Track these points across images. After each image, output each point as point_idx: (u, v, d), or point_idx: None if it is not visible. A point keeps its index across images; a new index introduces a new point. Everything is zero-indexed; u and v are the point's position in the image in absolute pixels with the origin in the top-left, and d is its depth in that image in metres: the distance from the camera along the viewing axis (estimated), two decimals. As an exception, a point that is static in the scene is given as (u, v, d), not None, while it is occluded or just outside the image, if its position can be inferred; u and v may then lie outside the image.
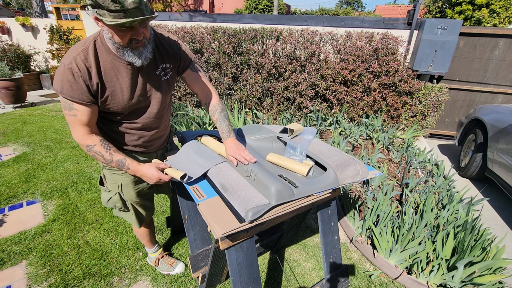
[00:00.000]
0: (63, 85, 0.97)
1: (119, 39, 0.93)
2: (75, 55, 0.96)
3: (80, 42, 1.02)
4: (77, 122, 1.03)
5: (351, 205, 2.16)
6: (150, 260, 1.72)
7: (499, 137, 2.65)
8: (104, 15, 0.84)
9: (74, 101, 0.99)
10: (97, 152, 1.07)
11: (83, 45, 0.99)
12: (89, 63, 0.97)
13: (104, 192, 1.34)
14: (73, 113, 1.01)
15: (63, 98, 1.00)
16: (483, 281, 1.53)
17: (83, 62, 0.96)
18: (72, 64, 0.95)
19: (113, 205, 1.35)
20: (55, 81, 0.99)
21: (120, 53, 0.98)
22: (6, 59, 5.36)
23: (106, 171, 1.28)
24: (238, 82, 4.20)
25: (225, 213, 0.95)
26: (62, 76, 0.96)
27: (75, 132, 1.05)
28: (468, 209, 1.92)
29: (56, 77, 0.99)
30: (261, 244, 1.81)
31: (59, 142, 3.38)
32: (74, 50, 0.98)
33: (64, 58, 0.98)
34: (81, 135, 1.05)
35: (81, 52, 0.96)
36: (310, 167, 1.19)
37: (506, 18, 10.24)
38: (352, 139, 3.40)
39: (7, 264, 1.69)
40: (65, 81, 0.96)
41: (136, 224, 1.43)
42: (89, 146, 1.06)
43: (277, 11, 17.91)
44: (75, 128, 1.04)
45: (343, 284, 1.49)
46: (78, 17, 5.64)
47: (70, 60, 0.95)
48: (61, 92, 0.98)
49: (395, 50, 3.61)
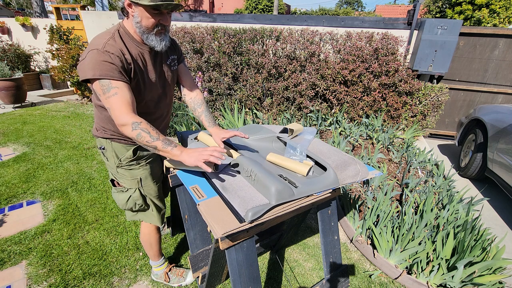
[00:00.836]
0: (101, 67, 0.97)
1: (147, 23, 1.03)
2: (105, 41, 1.00)
3: (103, 33, 1.06)
4: (120, 100, 0.99)
5: (351, 205, 2.16)
6: (157, 277, 1.61)
7: (499, 137, 2.65)
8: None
9: (113, 79, 0.98)
10: (143, 129, 1.00)
11: (108, 34, 1.04)
12: (120, 48, 1.03)
13: (121, 193, 1.30)
14: (114, 91, 0.99)
15: (98, 82, 0.98)
16: (483, 281, 1.53)
17: (115, 46, 1.01)
18: (107, 47, 0.98)
19: (133, 204, 1.31)
20: (87, 68, 0.97)
21: (145, 37, 1.07)
22: (6, 59, 5.37)
23: (122, 170, 1.26)
24: (238, 82, 4.20)
25: (225, 213, 0.95)
26: (97, 59, 0.97)
27: (118, 112, 0.99)
28: (468, 209, 1.92)
29: (87, 64, 0.97)
30: (261, 244, 1.81)
31: (59, 142, 3.38)
32: (102, 38, 1.02)
33: (91, 47, 0.99)
34: (126, 113, 0.99)
35: (110, 39, 1.02)
36: (310, 167, 1.19)
37: (506, 18, 10.24)
38: (352, 139, 3.40)
39: (7, 264, 1.69)
40: (102, 63, 0.97)
41: (158, 222, 1.39)
42: (136, 123, 1.00)
43: (277, 11, 17.91)
44: (118, 107, 0.99)
45: (343, 284, 1.49)
46: (78, 17, 5.64)
47: (103, 45, 0.98)
48: (99, 75, 0.97)
49: (395, 50, 3.61)
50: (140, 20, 1.03)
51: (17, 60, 5.56)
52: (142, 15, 1.02)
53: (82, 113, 4.63)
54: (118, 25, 1.10)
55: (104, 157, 1.28)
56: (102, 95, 1.00)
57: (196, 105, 1.39)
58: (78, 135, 3.63)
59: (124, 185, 1.29)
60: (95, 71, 0.97)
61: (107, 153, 1.25)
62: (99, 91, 1.00)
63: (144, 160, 1.28)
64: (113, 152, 1.23)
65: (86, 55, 0.99)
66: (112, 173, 1.29)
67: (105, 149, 1.24)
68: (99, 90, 1.00)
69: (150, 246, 1.49)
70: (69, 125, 4.01)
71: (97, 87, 1.00)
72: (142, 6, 1.00)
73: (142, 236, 1.47)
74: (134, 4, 1.00)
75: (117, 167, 1.26)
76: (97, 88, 1.00)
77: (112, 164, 1.25)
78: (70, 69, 4.58)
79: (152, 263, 1.58)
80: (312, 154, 1.28)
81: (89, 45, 1.03)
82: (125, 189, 1.29)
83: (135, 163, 1.26)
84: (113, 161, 1.25)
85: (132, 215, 1.38)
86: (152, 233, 1.45)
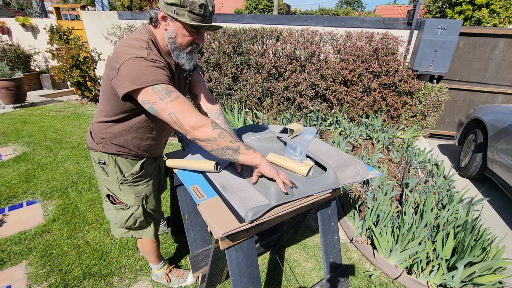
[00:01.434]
0: (154, 74, 0.89)
1: (182, 40, 0.98)
2: (145, 49, 0.92)
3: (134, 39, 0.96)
4: (185, 101, 0.91)
5: (351, 205, 2.16)
6: (157, 278, 1.60)
7: (499, 137, 2.65)
8: (184, 15, 0.91)
9: (168, 83, 0.91)
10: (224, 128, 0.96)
11: (143, 42, 0.95)
12: (157, 55, 0.97)
13: (121, 210, 1.21)
14: (175, 95, 0.90)
15: (152, 89, 0.88)
16: (483, 281, 1.53)
17: (154, 55, 0.95)
18: (151, 56, 0.91)
19: (133, 221, 1.24)
20: (140, 78, 0.87)
21: (175, 54, 1.01)
22: (6, 59, 5.37)
23: (125, 186, 1.18)
24: (238, 82, 4.20)
25: (225, 213, 0.95)
26: (146, 67, 0.88)
27: (189, 115, 0.90)
28: (468, 209, 1.92)
29: (137, 73, 0.87)
30: (261, 244, 1.81)
31: (59, 142, 3.38)
32: (138, 46, 0.93)
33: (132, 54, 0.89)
34: (197, 114, 0.91)
35: (148, 48, 0.94)
36: (310, 167, 1.19)
37: (506, 18, 10.24)
38: (352, 139, 3.40)
39: (7, 264, 1.69)
40: (154, 70, 0.90)
41: (152, 237, 1.35)
42: (214, 122, 0.93)
43: (277, 11, 17.91)
44: (188, 110, 0.90)
45: (343, 284, 1.49)
46: (78, 17, 5.64)
47: (145, 54, 0.91)
48: (154, 81, 0.88)
49: (395, 50, 3.61)
50: (175, 36, 0.96)
51: (17, 60, 5.56)
52: (178, 31, 0.95)
53: (82, 113, 4.63)
54: (146, 31, 1.00)
55: (103, 172, 1.16)
56: (160, 102, 0.88)
57: (213, 117, 1.30)
58: (78, 135, 3.63)
59: (126, 202, 1.21)
60: (153, 77, 0.87)
61: (109, 168, 1.15)
62: (153, 99, 0.89)
63: (149, 176, 1.24)
64: (116, 168, 1.15)
65: (125, 64, 0.88)
66: (111, 189, 1.20)
67: (106, 164, 1.14)
68: (154, 98, 0.88)
69: (148, 253, 1.46)
70: (69, 125, 4.01)
71: (149, 95, 0.88)
72: (181, 23, 0.93)
73: (139, 243, 1.43)
74: (171, 19, 0.93)
75: (120, 184, 1.17)
76: (151, 97, 0.88)
77: (113, 180, 1.17)
78: (70, 69, 4.58)
79: (152, 266, 1.58)
80: (312, 154, 1.28)
81: (122, 53, 0.90)
82: (126, 207, 1.22)
83: (141, 179, 1.20)
84: (115, 177, 1.16)
85: (124, 233, 1.29)
86: (148, 242, 1.40)
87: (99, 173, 1.19)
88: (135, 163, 1.18)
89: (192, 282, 1.61)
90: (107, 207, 1.24)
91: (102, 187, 1.22)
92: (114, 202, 1.23)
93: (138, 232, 1.32)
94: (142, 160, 1.20)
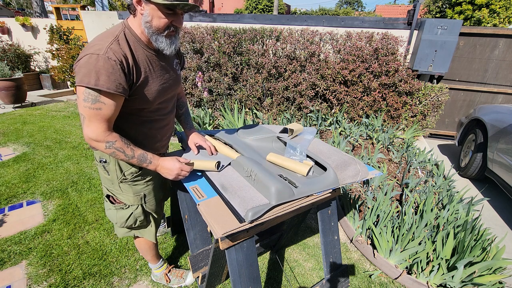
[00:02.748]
0: (98, 76, 0.88)
1: (158, 23, 0.96)
2: (108, 44, 0.91)
3: (106, 33, 0.97)
4: (100, 116, 0.94)
5: (351, 205, 2.16)
6: (157, 278, 1.60)
7: (499, 137, 2.65)
8: None
9: (105, 93, 0.92)
10: (118, 148, 1.00)
11: (112, 35, 0.95)
12: (124, 52, 0.95)
13: (121, 210, 1.22)
14: (98, 106, 0.92)
15: (85, 90, 0.90)
16: (483, 281, 1.53)
17: (119, 50, 0.93)
18: (109, 53, 0.90)
19: (133, 221, 1.24)
20: (83, 74, 0.88)
21: (154, 38, 0.99)
22: (6, 59, 5.37)
23: (125, 185, 1.18)
24: (238, 82, 4.20)
25: (225, 213, 0.95)
26: (97, 66, 0.88)
27: (92, 128, 0.95)
28: (468, 209, 1.92)
29: (84, 69, 0.89)
30: (261, 244, 1.81)
31: (59, 142, 3.38)
32: (104, 40, 0.93)
33: (92, 49, 0.90)
34: (101, 131, 0.96)
35: (113, 41, 0.93)
36: (310, 167, 1.19)
37: (506, 18, 10.24)
38: (352, 139, 3.40)
39: (7, 264, 1.69)
40: (102, 71, 0.89)
41: (153, 237, 1.36)
42: (110, 142, 0.98)
43: (277, 11, 17.91)
44: (94, 123, 0.94)
45: (343, 284, 1.49)
46: (78, 17, 5.64)
47: (105, 49, 0.90)
48: (95, 85, 0.88)
49: (395, 50, 3.61)
50: (151, 20, 0.95)
51: (17, 60, 5.56)
52: (153, 14, 0.94)
53: (82, 113, 4.63)
54: (122, 24, 1.01)
55: (104, 171, 1.17)
56: (84, 102, 0.92)
57: (178, 107, 1.40)
58: (78, 135, 3.63)
59: (125, 202, 1.21)
60: (95, 79, 0.88)
61: (109, 166, 1.15)
62: (79, 95, 0.92)
63: (149, 175, 1.23)
64: (117, 166, 1.15)
65: (83, 58, 0.90)
66: (110, 188, 1.20)
67: (107, 162, 1.14)
68: (83, 96, 0.91)
69: (146, 251, 1.46)
70: (69, 125, 4.01)
71: (83, 93, 0.91)
72: (154, 4, 0.92)
73: (137, 243, 1.43)
74: (145, 2, 0.93)
75: (120, 182, 1.18)
76: (82, 95, 0.91)
77: (114, 179, 1.17)
78: (70, 69, 4.59)
79: (151, 265, 1.57)
80: (312, 154, 1.28)
81: (89, 45, 0.93)
82: (126, 206, 1.22)
83: (140, 178, 1.20)
84: (115, 176, 1.16)
85: (126, 232, 1.30)
86: (145, 240, 1.40)
87: (101, 172, 1.20)
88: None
89: (192, 282, 1.61)
90: (108, 207, 1.25)
91: (103, 188, 1.24)
92: (114, 202, 1.24)
93: (139, 231, 1.33)
94: None
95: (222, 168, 1.17)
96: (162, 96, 1.13)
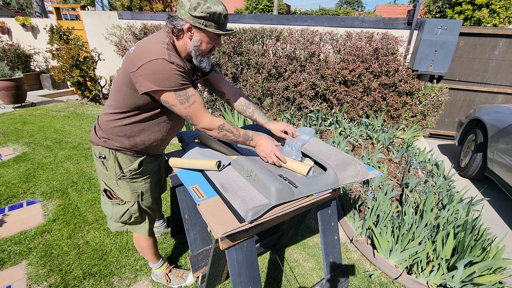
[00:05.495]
0: (174, 78, 0.98)
1: (206, 47, 1.07)
2: (165, 51, 0.98)
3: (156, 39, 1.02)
4: (200, 107, 1.05)
5: (351, 205, 2.16)
6: (157, 278, 1.60)
7: (499, 137, 2.65)
8: (211, 26, 1.02)
9: (188, 87, 1.03)
10: (228, 129, 1.11)
11: (163, 43, 1.01)
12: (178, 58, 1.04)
13: (117, 205, 1.24)
14: (193, 100, 1.04)
15: (174, 93, 1.00)
16: (483, 281, 1.53)
17: (175, 56, 1.02)
18: (171, 58, 0.98)
19: (128, 217, 1.26)
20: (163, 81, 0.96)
21: (198, 59, 1.09)
22: (6, 59, 5.36)
23: (123, 182, 1.21)
24: (238, 82, 4.20)
25: (225, 213, 0.95)
26: (168, 71, 0.96)
27: (202, 119, 1.07)
28: (468, 209, 1.92)
29: (159, 75, 0.96)
30: (261, 244, 1.81)
31: (59, 142, 3.38)
32: (158, 48, 0.98)
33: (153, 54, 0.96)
34: (209, 118, 1.08)
35: (167, 50, 1.00)
36: (310, 167, 1.19)
37: (506, 18, 10.24)
38: (352, 139, 3.40)
39: (7, 264, 1.69)
40: (173, 73, 0.97)
41: (147, 233, 1.37)
42: (221, 125, 1.10)
43: (277, 11, 17.90)
44: (201, 114, 1.06)
45: (343, 284, 1.49)
46: (78, 17, 5.64)
47: (168, 55, 0.97)
48: (175, 86, 0.98)
49: (395, 50, 3.61)
50: (199, 44, 1.05)
51: (17, 60, 5.56)
52: (203, 39, 1.04)
53: (82, 113, 4.63)
54: (166, 34, 1.05)
55: (103, 167, 1.19)
56: (180, 105, 1.02)
57: (244, 107, 1.42)
58: (78, 135, 3.63)
59: (122, 198, 1.24)
60: (174, 82, 0.98)
61: (108, 163, 1.18)
62: (173, 102, 1.01)
63: (147, 174, 1.26)
64: (116, 163, 1.17)
65: (149, 64, 0.95)
66: (108, 184, 1.22)
67: (106, 158, 1.17)
68: (175, 101, 1.01)
69: (145, 250, 1.47)
70: (69, 125, 4.01)
71: (171, 98, 1.00)
72: (206, 33, 1.03)
73: (135, 241, 1.44)
74: (197, 30, 1.02)
75: (118, 179, 1.20)
76: (171, 99, 1.01)
77: (112, 175, 1.19)
78: (70, 69, 4.58)
79: (151, 265, 1.58)
80: (312, 154, 1.28)
81: (143, 50, 0.98)
82: (122, 202, 1.24)
83: (138, 176, 1.23)
84: (113, 172, 1.19)
85: (120, 226, 1.32)
86: (144, 238, 1.41)
87: (99, 167, 1.22)
88: (134, 160, 1.20)
89: (192, 282, 1.61)
90: (104, 201, 1.27)
91: (100, 182, 1.26)
92: (111, 197, 1.25)
93: (133, 227, 1.35)
94: (141, 157, 1.22)
95: (223, 167, 1.17)
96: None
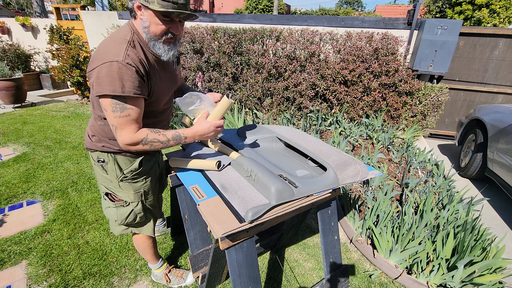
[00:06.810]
0: (123, 83, 0.90)
1: (155, 29, 0.96)
2: (124, 50, 0.92)
3: (116, 37, 0.97)
4: (130, 121, 0.97)
5: (351, 205, 2.16)
6: (157, 278, 1.60)
7: (499, 137, 2.65)
8: (153, 2, 0.90)
9: (131, 98, 0.94)
10: (152, 140, 1.02)
11: (124, 40, 0.95)
12: (139, 57, 0.96)
13: (121, 207, 1.23)
14: (126, 113, 0.95)
15: (111, 100, 0.92)
16: (483, 281, 1.53)
17: (135, 55, 0.95)
18: (128, 59, 0.91)
19: (133, 217, 1.25)
20: (107, 83, 0.89)
21: (151, 44, 1.00)
22: (6, 59, 5.36)
23: (124, 183, 1.19)
24: (238, 82, 4.20)
25: (225, 213, 0.95)
26: (120, 74, 0.89)
27: (124, 132, 0.97)
28: (468, 209, 1.92)
29: (107, 78, 0.89)
30: (261, 244, 1.81)
31: (59, 142, 3.38)
32: (118, 46, 0.93)
33: (109, 56, 0.90)
34: (132, 133, 0.99)
35: (129, 47, 0.94)
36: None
37: (506, 18, 10.23)
38: (352, 139, 3.40)
39: (7, 264, 1.69)
40: (125, 78, 0.90)
41: (152, 232, 1.36)
42: (144, 138, 1.00)
43: (277, 11, 17.91)
44: (125, 129, 0.97)
45: (343, 284, 1.49)
46: (78, 17, 5.64)
47: (123, 56, 0.91)
48: (122, 92, 0.90)
49: (395, 50, 3.61)
50: (148, 25, 0.96)
51: (17, 60, 5.56)
52: (151, 20, 0.95)
53: (82, 113, 4.63)
54: (130, 28, 1.00)
55: (103, 170, 1.18)
56: (111, 112, 0.94)
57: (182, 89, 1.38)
58: (78, 135, 3.63)
59: (125, 199, 1.22)
60: (121, 87, 0.90)
61: (108, 166, 1.16)
62: (107, 107, 0.93)
63: (147, 173, 1.26)
64: (116, 165, 1.16)
65: (102, 66, 0.89)
66: (110, 187, 1.21)
67: (105, 162, 1.16)
68: (108, 107, 0.93)
69: (145, 250, 1.46)
70: (69, 125, 4.01)
71: (106, 103, 0.92)
72: (152, 11, 0.93)
73: (135, 242, 1.44)
74: (144, 8, 0.94)
75: (120, 181, 1.19)
76: (106, 105, 0.93)
77: (113, 178, 1.18)
78: (70, 69, 4.59)
79: (151, 265, 1.57)
80: (312, 154, 1.28)
81: (102, 52, 0.93)
82: (126, 204, 1.23)
83: (139, 176, 1.22)
84: (114, 175, 1.17)
85: (123, 229, 1.30)
86: (143, 238, 1.40)
87: (98, 172, 1.20)
88: (134, 160, 1.20)
89: (192, 282, 1.61)
90: (106, 205, 1.25)
91: (101, 186, 1.24)
92: (114, 199, 1.24)
93: (138, 228, 1.34)
94: (140, 157, 1.21)
95: (223, 167, 1.17)
96: (167, 96, 1.16)
